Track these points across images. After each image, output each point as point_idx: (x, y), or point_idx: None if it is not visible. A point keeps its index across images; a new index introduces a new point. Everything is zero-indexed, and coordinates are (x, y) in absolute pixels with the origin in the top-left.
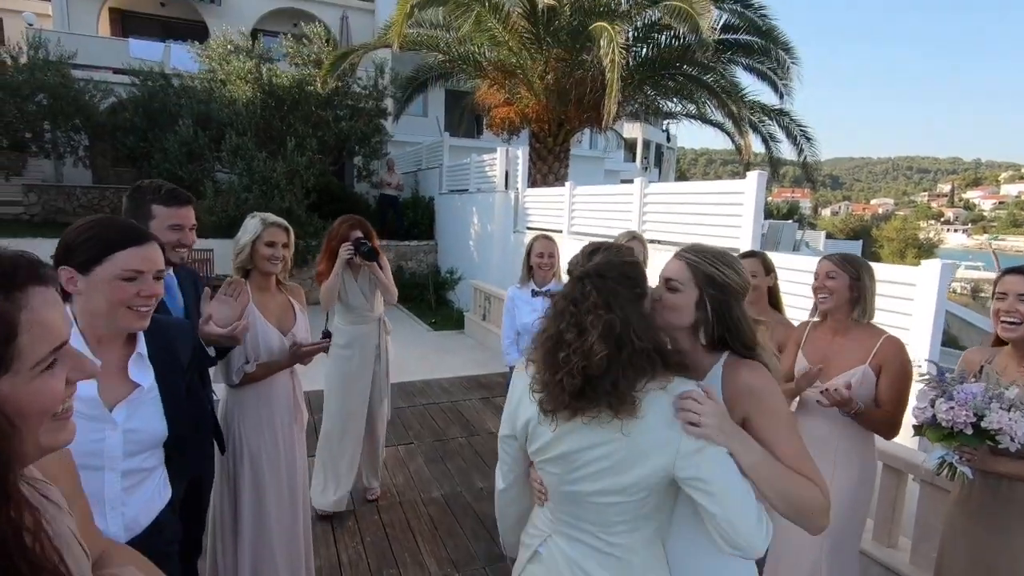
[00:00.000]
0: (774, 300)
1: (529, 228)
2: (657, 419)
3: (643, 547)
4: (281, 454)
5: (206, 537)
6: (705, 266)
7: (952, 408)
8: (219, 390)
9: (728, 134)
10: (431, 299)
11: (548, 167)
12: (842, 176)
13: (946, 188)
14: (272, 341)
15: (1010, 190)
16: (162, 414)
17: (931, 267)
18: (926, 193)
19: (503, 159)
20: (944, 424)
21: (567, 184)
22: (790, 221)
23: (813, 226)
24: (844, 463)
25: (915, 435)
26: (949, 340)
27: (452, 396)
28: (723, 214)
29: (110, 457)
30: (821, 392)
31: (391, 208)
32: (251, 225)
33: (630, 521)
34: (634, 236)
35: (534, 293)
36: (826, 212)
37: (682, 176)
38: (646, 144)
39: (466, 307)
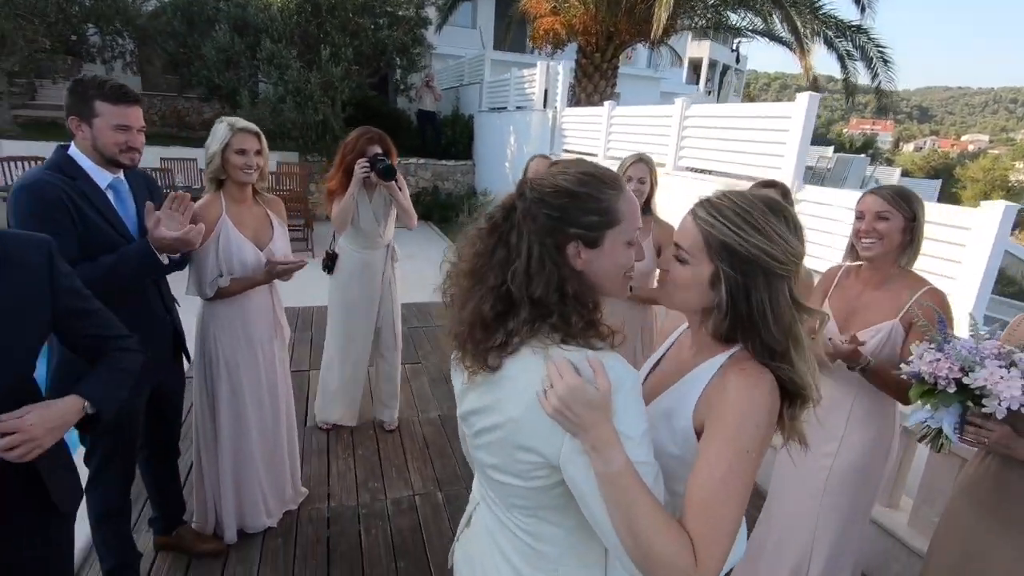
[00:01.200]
0: None
1: (565, 150)
2: (527, 386)
3: (563, 541)
4: (261, 367)
5: (186, 442)
6: (722, 230)
7: (937, 360)
8: (196, 303)
9: (794, 52)
10: (465, 221)
11: (594, 85)
12: (932, 108)
13: None
14: (247, 255)
15: None
16: None
17: (992, 209)
18: None
19: (543, 75)
20: (927, 379)
21: (606, 104)
22: (861, 156)
23: (890, 162)
24: (859, 427)
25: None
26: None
27: None
28: (766, 141)
29: None
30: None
31: (430, 125)
32: (219, 132)
33: (532, 509)
34: (640, 158)
35: None
36: (908, 147)
37: (749, 101)
38: (711, 65)
39: None
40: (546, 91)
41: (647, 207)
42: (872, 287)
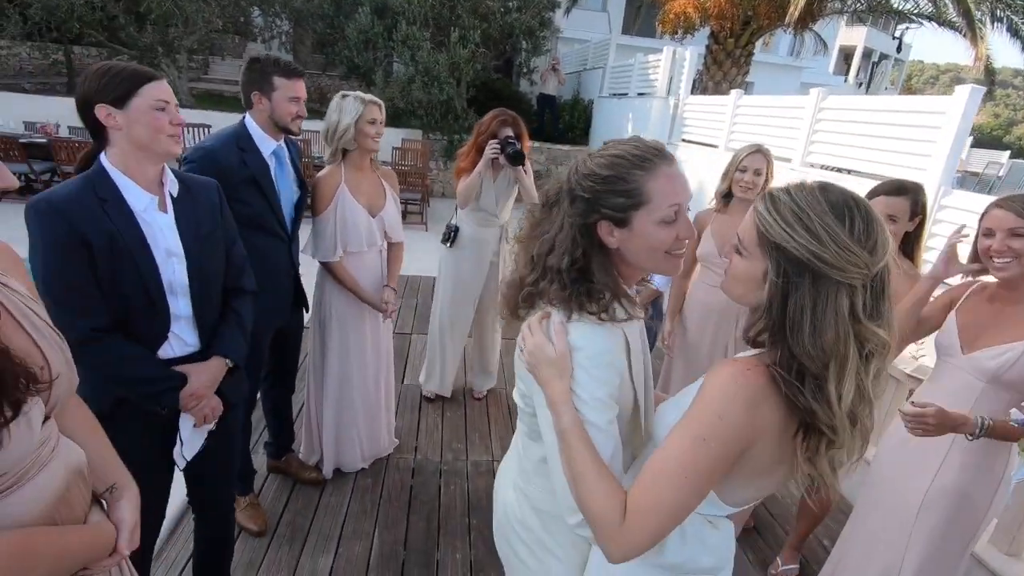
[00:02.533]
0: (909, 246)
1: (684, 140)
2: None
3: (539, 462)
4: (367, 326)
5: (301, 383)
6: (774, 226)
7: None
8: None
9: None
10: None
11: (724, 73)
12: None
13: None
14: (360, 220)
15: None
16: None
17: None
18: None
19: (668, 61)
20: None
21: (732, 92)
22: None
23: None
24: (965, 446)
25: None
26: None
27: None
28: (913, 139)
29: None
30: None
31: (548, 109)
32: (350, 106)
33: (527, 433)
34: (757, 149)
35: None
36: None
37: (909, 95)
38: (866, 54)
39: None
40: (670, 78)
41: None
42: (1009, 303)
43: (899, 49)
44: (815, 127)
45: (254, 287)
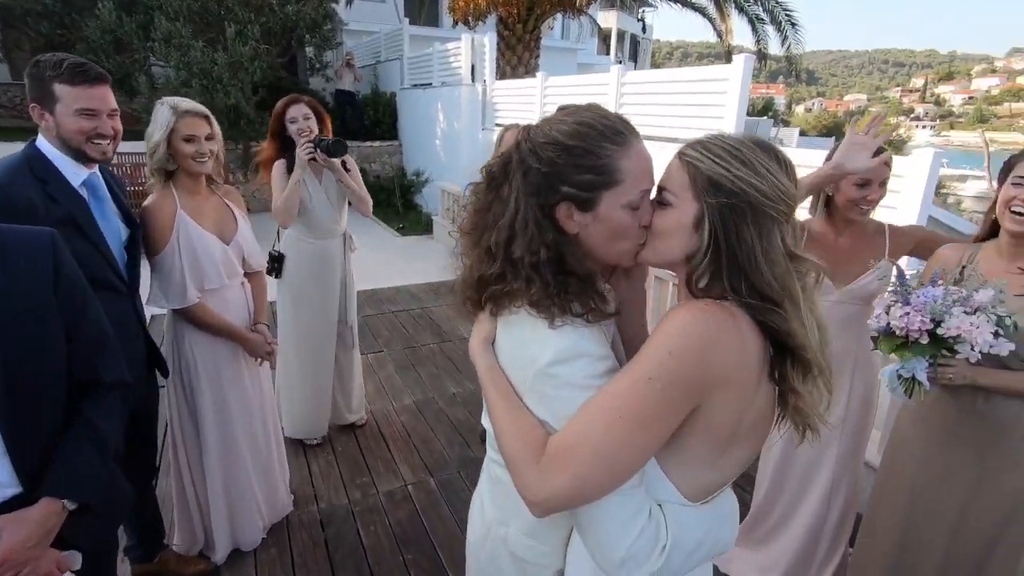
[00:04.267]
0: None
1: (498, 124)
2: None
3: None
4: (244, 372)
5: (166, 456)
6: (709, 164)
7: (907, 314)
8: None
9: (710, 19)
10: (398, 203)
11: (517, 57)
12: (818, 71)
13: (919, 83)
14: (213, 250)
15: (981, 84)
16: None
17: (921, 157)
18: (899, 88)
19: (468, 49)
20: (898, 332)
21: (538, 75)
22: (764, 118)
23: (787, 123)
24: (861, 381)
25: (874, 348)
26: None
27: (422, 302)
28: (705, 104)
29: None
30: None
31: (349, 105)
32: (161, 117)
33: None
34: (508, 129)
35: None
36: (799, 109)
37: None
38: (620, 35)
39: (434, 211)
40: (473, 65)
41: None
42: (851, 238)
43: (644, 29)
44: (620, 101)
45: (121, 375)
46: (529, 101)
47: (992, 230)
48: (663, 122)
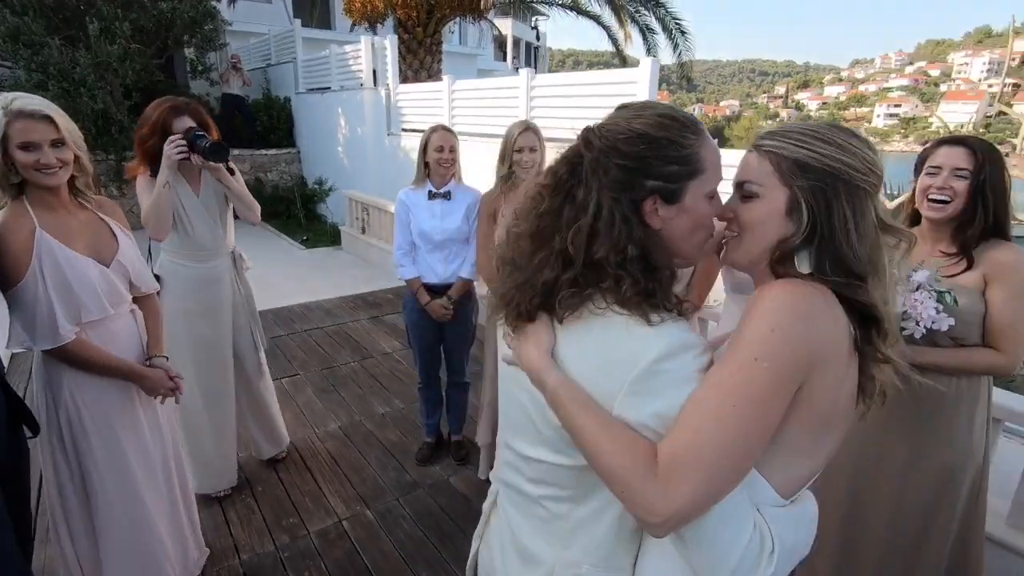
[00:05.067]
0: None
1: (404, 130)
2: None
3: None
4: (140, 414)
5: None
6: (791, 149)
7: None
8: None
9: (604, 27)
10: (300, 214)
11: (420, 62)
12: (696, 79)
13: (781, 90)
14: (90, 275)
15: (831, 91)
16: None
17: None
18: (766, 95)
19: (368, 52)
20: None
21: (445, 78)
22: None
23: None
24: None
25: None
26: None
27: (337, 318)
28: (616, 107)
29: None
30: None
31: (239, 111)
32: None
33: (553, 497)
34: (527, 126)
35: (431, 195)
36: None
37: None
38: (516, 42)
39: (341, 221)
40: (374, 69)
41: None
42: None
43: (537, 37)
44: (532, 104)
45: None
46: (437, 105)
47: (913, 219)
48: (574, 124)
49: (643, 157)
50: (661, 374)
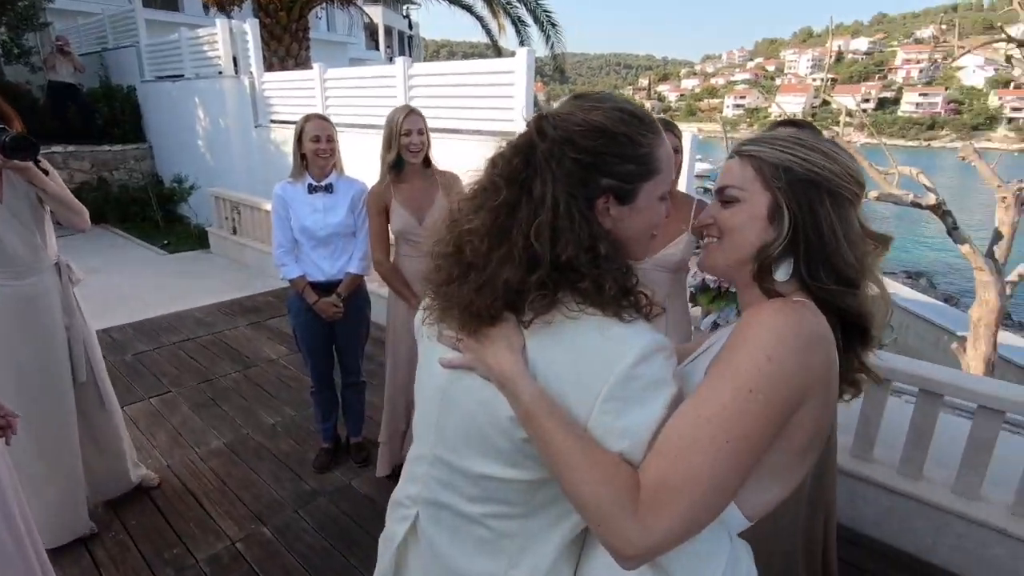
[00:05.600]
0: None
1: (274, 121)
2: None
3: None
4: None
5: None
6: (774, 153)
7: None
8: None
9: (478, 17)
10: (157, 216)
11: (286, 49)
12: (568, 71)
13: (645, 82)
14: None
15: (687, 84)
16: None
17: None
18: (631, 87)
19: (227, 36)
20: (712, 286)
21: (316, 66)
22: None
23: None
24: (675, 331)
25: (694, 305)
26: None
27: (213, 327)
28: (494, 95)
29: None
30: None
31: (71, 101)
32: None
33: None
34: (411, 110)
35: (312, 188)
36: (556, 104)
37: None
38: (388, 31)
39: (207, 222)
40: (234, 55)
41: (428, 161)
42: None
43: (410, 26)
44: (410, 93)
45: None
46: (308, 95)
47: None
48: (453, 114)
49: (599, 153)
50: (637, 379)
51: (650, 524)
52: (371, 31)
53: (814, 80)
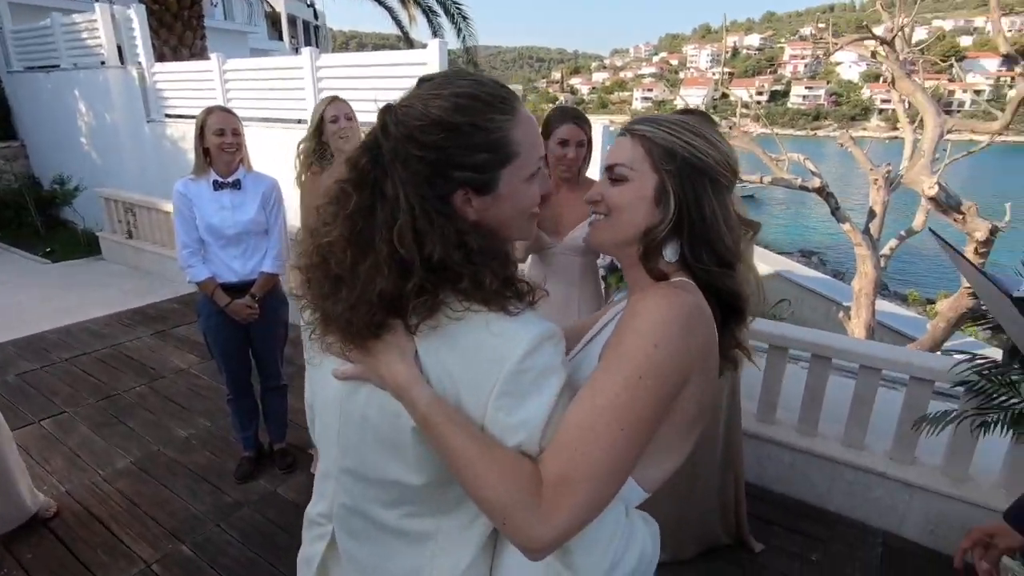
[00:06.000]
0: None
1: (169, 116)
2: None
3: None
4: None
5: None
6: (664, 136)
7: None
8: None
9: (387, 8)
10: (36, 222)
11: (179, 38)
12: (482, 64)
13: (557, 75)
14: None
15: (598, 77)
16: None
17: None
18: (544, 80)
19: (108, 23)
20: (620, 266)
21: (215, 56)
22: None
23: None
24: (586, 309)
25: (606, 285)
26: None
27: (112, 339)
28: (408, 88)
29: None
30: None
31: None
32: None
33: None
34: (335, 97)
35: (217, 185)
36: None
37: None
38: (292, 21)
39: (98, 226)
40: (119, 44)
41: None
42: (571, 191)
43: (316, 16)
44: (319, 86)
45: None
46: (207, 87)
47: None
48: (366, 107)
49: (443, 148)
50: (527, 372)
51: (554, 517)
52: (273, 21)
53: (714, 74)
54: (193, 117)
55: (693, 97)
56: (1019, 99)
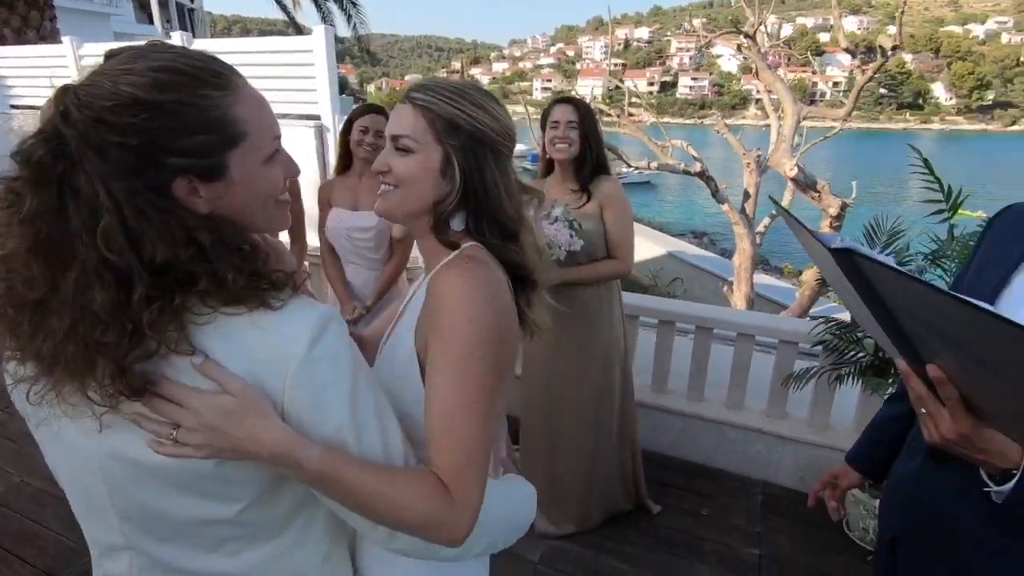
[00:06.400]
0: None
1: (15, 106)
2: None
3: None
4: None
5: None
6: (444, 107)
7: None
8: None
9: None
10: None
11: (23, 18)
12: (378, 52)
13: (457, 65)
14: None
15: (498, 68)
16: None
17: None
18: (444, 69)
19: None
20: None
21: (67, 40)
22: (343, 95)
23: (363, 100)
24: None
25: None
26: None
27: None
28: (295, 76)
29: None
30: None
31: None
32: None
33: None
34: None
35: None
36: (371, 87)
37: None
38: (163, 3)
39: None
40: None
41: None
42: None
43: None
44: None
45: None
46: (61, 74)
47: (548, 168)
48: None
49: (146, 130)
50: (318, 361)
51: (466, 504)
52: (142, 3)
53: (608, 65)
54: (39, 108)
55: (588, 88)
56: (859, 88)
